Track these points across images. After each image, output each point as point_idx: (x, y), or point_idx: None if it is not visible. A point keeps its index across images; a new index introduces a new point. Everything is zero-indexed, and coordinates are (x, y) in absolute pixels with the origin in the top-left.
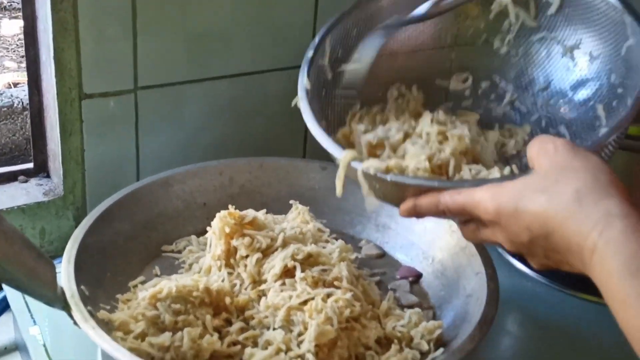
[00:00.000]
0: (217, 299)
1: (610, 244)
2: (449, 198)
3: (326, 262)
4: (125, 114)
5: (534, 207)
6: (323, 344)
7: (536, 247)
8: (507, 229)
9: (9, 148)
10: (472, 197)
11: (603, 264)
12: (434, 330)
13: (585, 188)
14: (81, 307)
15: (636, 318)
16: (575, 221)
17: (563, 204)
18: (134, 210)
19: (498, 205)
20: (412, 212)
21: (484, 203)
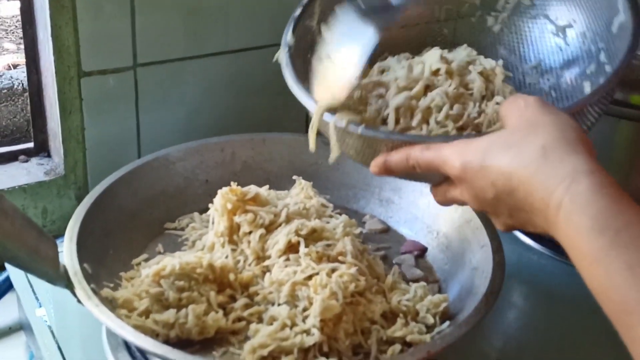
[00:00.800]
0: (221, 276)
1: (577, 201)
2: (418, 153)
3: (330, 237)
4: (125, 91)
5: (499, 162)
6: (328, 319)
7: (501, 205)
8: (472, 185)
9: (10, 130)
10: (440, 153)
11: (569, 221)
12: (440, 303)
13: (552, 144)
14: (84, 285)
15: (604, 276)
16: (540, 177)
17: (528, 160)
18: (135, 188)
19: (464, 160)
20: (383, 168)
21: (451, 159)
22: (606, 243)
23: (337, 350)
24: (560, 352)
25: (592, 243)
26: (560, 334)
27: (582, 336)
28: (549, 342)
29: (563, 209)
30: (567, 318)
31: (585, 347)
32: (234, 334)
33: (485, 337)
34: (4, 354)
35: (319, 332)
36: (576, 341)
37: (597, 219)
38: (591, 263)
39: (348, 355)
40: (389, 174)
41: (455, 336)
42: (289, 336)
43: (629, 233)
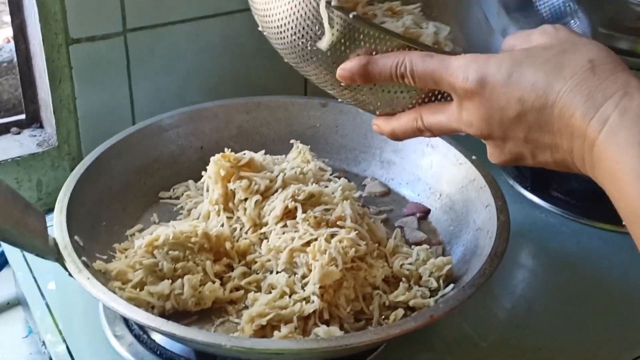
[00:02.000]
0: (217, 245)
1: (628, 115)
2: (419, 59)
3: (328, 202)
4: (115, 58)
5: (532, 75)
6: (328, 286)
7: (520, 126)
8: (490, 102)
9: (11, 104)
10: (448, 64)
11: (615, 136)
12: (443, 266)
13: (599, 59)
14: (74, 258)
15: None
16: (587, 89)
17: (573, 71)
18: (127, 157)
19: (484, 73)
20: (360, 71)
21: (466, 70)
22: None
23: (338, 317)
24: (571, 311)
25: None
26: (569, 293)
27: (592, 295)
28: (558, 302)
29: (610, 123)
30: (576, 277)
31: (595, 305)
32: (232, 303)
33: (493, 299)
34: (3, 330)
35: (319, 299)
36: (586, 300)
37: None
38: (635, 179)
39: (349, 322)
40: (364, 81)
41: (460, 299)
42: (288, 304)
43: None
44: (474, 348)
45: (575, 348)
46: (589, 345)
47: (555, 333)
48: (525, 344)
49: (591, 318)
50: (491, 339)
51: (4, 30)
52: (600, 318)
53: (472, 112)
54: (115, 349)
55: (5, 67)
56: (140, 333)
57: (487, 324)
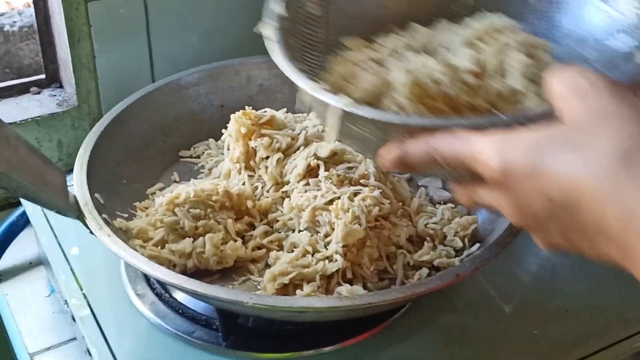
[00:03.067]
0: (238, 203)
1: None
2: (444, 143)
3: (352, 160)
4: (134, 15)
5: (558, 168)
6: (351, 244)
7: (551, 223)
8: (516, 194)
9: (32, 69)
10: (470, 146)
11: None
12: (469, 226)
13: (634, 146)
14: (95, 215)
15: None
16: (619, 192)
17: (602, 167)
18: (147, 115)
19: (506, 160)
20: (401, 164)
21: (487, 155)
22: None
23: (361, 276)
24: (597, 274)
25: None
26: None
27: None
28: (584, 265)
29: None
30: None
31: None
32: (254, 262)
33: (517, 262)
34: (26, 289)
35: (342, 258)
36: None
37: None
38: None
39: (373, 281)
40: (407, 171)
41: (486, 259)
42: (311, 263)
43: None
44: (498, 311)
45: (602, 311)
46: (616, 308)
47: (581, 296)
48: (550, 307)
49: (618, 281)
50: (515, 302)
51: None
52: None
53: (503, 202)
54: (137, 307)
55: (26, 31)
56: (162, 292)
57: (511, 287)
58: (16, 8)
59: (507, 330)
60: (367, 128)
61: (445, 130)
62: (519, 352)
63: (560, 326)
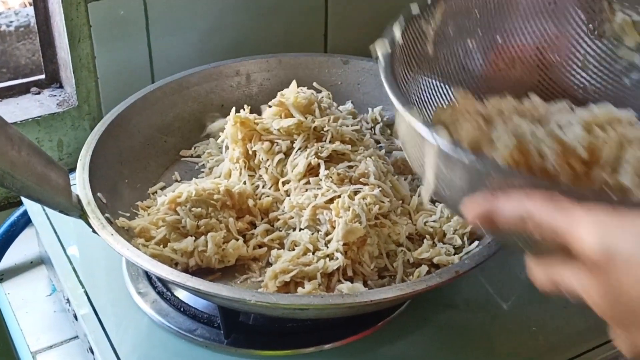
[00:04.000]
0: (239, 202)
1: None
2: (542, 209)
3: (352, 159)
4: (134, 15)
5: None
6: (352, 243)
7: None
8: (615, 281)
9: (29, 69)
10: (571, 218)
11: None
12: (467, 224)
13: None
14: (98, 214)
15: None
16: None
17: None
18: (148, 115)
19: (612, 243)
20: (487, 219)
21: (588, 233)
22: None
23: (361, 274)
24: None
25: None
26: None
27: None
28: None
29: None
30: None
31: None
32: (255, 260)
33: (516, 259)
34: (27, 288)
35: (343, 256)
36: None
37: None
38: None
39: (373, 278)
40: (490, 230)
41: (484, 256)
42: (312, 261)
43: None
44: (496, 307)
45: None
46: None
47: None
48: (548, 304)
49: None
50: (514, 299)
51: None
52: None
53: (593, 286)
54: (138, 305)
55: (22, 31)
56: (164, 290)
57: (510, 284)
58: (12, 8)
59: (506, 326)
60: (459, 172)
61: (545, 194)
62: (517, 348)
63: (558, 323)
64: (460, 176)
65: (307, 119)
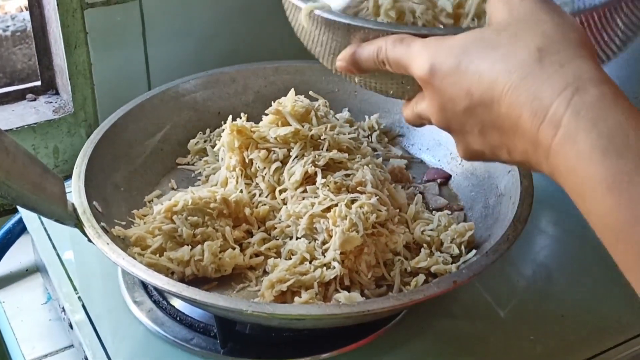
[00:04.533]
0: (236, 210)
1: (584, 115)
2: (390, 45)
3: (349, 167)
4: (131, 22)
5: (479, 65)
6: (349, 252)
7: (472, 121)
8: (441, 93)
9: (25, 73)
10: (411, 49)
11: (573, 142)
12: (465, 232)
13: (550, 46)
14: (94, 223)
15: (626, 207)
16: (533, 85)
17: (518, 64)
18: (144, 123)
19: (434, 61)
20: (350, 62)
21: (420, 57)
22: (628, 167)
23: (358, 283)
24: (593, 279)
25: (608, 168)
26: (592, 261)
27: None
28: (580, 270)
29: (564, 127)
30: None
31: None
32: (252, 269)
33: (514, 266)
34: (22, 296)
35: (340, 265)
36: (609, 268)
37: (613, 137)
38: (606, 193)
39: (370, 288)
40: (357, 71)
41: (482, 265)
42: (309, 270)
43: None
44: (494, 316)
45: (597, 316)
46: (611, 313)
47: (577, 301)
48: (546, 312)
49: (613, 286)
50: (511, 307)
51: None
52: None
53: (431, 103)
54: (134, 315)
55: (19, 36)
56: (160, 299)
57: (508, 291)
58: (9, 12)
59: (504, 335)
60: (331, 33)
61: (398, 35)
62: (515, 357)
63: (556, 331)
64: (333, 36)
65: (304, 127)
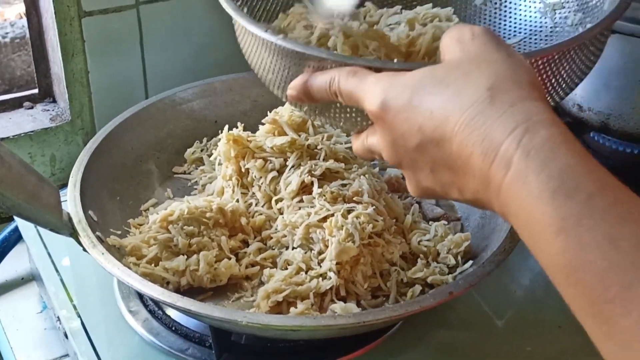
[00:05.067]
0: (232, 220)
1: (534, 156)
2: (344, 76)
3: (345, 177)
4: (128, 31)
5: (430, 103)
6: (345, 262)
7: (423, 158)
8: (392, 129)
9: (24, 80)
10: (363, 82)
11: (523, 182)
12: (462, 243)
13: (500, 85)
14: (89, 233)
15: (574, 251)
16: (484, 124)
17: (469, 102)
18: (141, 131)
19: (386, 97)
20: (302, 91)
21: (372, 92)
22: (577, 209)
23: (355, 293)
24: None
25: (557, 209)
26: None
27: None
28: None
29: (514, 167)
30: None
31: None
32: (247, 279)
33: (511, 276)
34: (18, 305)
35: (336, 276)
36: None
37: (563, 180)
38: (555, 235)
39: (367, 298)
40: (308, 100)
41: (479, 276)
42: (305, 280)
43: (605, 197)
44: (491, 327)
45: None
46: None
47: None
48: (543, 323)
49: None
50: (509, 316)
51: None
52: None
53: (382, 138)
54: (130, 324)
55: (18, 43)
56: (155, 309)
57: (505, 301)
58: (8, 19)
59: (501, 346)
60: (284, 61)
61: (351, 68)
62: None
63: (553, 342)
64: (284, 63)
65: (300, 137)
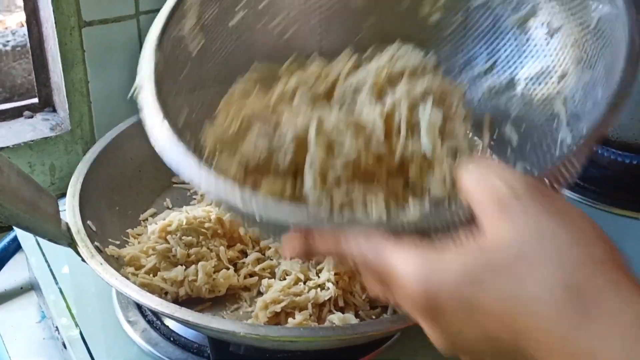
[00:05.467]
0: (230, 230)
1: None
2: (355, 247)
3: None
4: (128, 41)
5: (497, 305)
6: (343, 272)
7: (493, 357)
8: (445, 326)
9: (25, 88)
10: (386, 258)
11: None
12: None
13: (576, 276)
14: (87, 243)
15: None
16: (572, 337)
17: (548, 306)
18: (140, 141)
19: (434, 290)
20: (304, 256)
21: (407, 278)
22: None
23: (353, 304)
24: None
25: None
26: None
27: None
28: None
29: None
30: None
31: None
32: (246, 290)
33: None
34: (16, 314)
35: (334, 286)
36: None
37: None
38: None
39: (365, 309)
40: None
41: None
42: (303, 291)
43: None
44: None
45: None
46: None
47: None
48: None
49: None
50: None
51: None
52: None
53: (428, 328)
54: (128, 334)
55: (19, 51)
56: (154, 319)
57: None
58: (9, 27)
59: None
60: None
61: (358, 233)
62: None
63: None
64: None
65: None
